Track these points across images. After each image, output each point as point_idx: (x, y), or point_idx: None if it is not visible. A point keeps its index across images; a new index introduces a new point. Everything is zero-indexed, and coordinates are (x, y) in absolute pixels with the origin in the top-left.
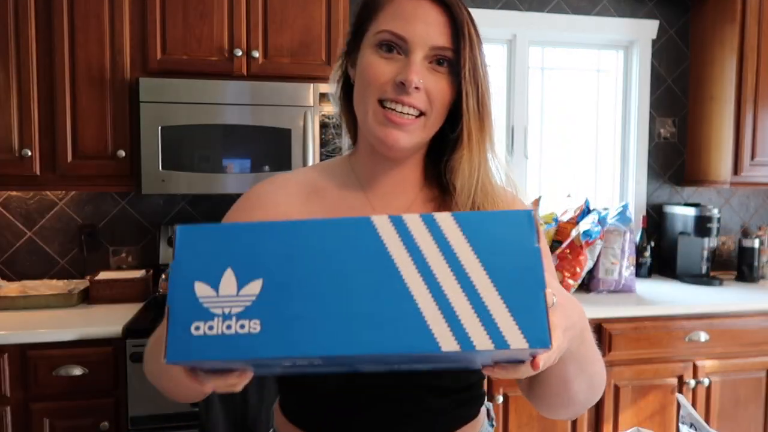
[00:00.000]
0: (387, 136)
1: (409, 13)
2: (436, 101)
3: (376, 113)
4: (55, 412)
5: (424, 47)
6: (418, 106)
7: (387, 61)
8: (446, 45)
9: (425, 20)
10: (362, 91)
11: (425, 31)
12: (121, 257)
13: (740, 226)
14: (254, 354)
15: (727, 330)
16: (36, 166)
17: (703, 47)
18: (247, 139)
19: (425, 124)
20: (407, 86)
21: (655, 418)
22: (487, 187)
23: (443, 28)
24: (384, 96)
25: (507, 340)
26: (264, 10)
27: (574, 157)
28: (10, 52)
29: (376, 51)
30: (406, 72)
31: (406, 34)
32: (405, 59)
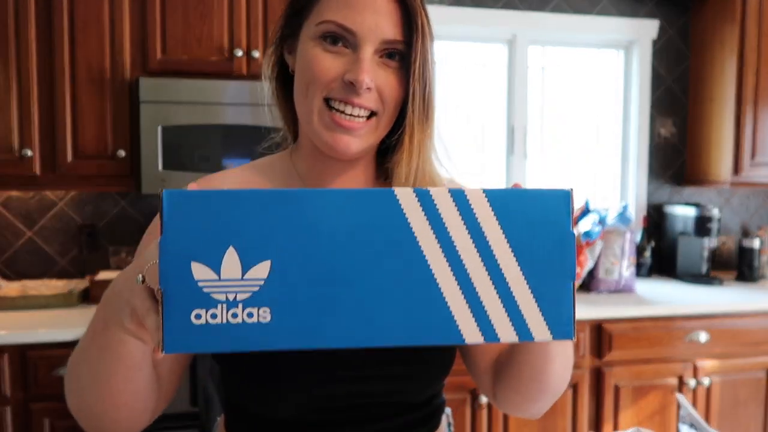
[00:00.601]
0: (336, 142)
1: (357, 2)
2: (388, 100)
3: (322, 115)
4: (56, 412)
5: (375, 41)
6: (369, 107)
7: (333, 56)
8: (398, 38)
9: (375, 10)
10: (304, 87)
11: (375, 23)
12: (121, 257)
13: (740, 226)
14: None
15: (727, 330)
16: (36, 166)
17: (703, 47)
18: (247, 139)
19: (377, 125)
20: (357, 87)
21: (656, 418)
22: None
23: (394, 18)
24: (330, 95)
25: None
26: (264, 10)
27: (574, 157)
28: (10, 52)
29: (320, 43)
30: (356, 70)
31: (354, 27)
32: (353, 54)
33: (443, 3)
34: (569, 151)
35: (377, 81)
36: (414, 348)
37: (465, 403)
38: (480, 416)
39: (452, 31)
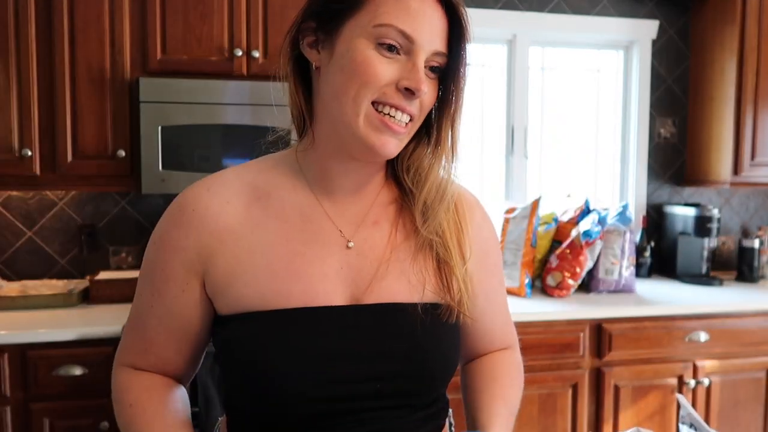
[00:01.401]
0: (384, 145)
1: (417, 10)
2: (425, 108)
3: (371, 117)
4: (55, 412)
5: (428, 51)
6: (414, 113)
7: (388, 61)
8: (444, 51)
9: (431, 21)
10: (349, 88)
11: (431, 33)
12: (121, 257)
13: (740, 227)
14: None
15: (727, 330)
16: (36, 166)
17: (703, 47)
18: (247, 139)
19: (412, 130)
20: (416, 95)
21: (655, 418)
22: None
23: (445, 31)
24: (383, 99)
25: None
26: (264, 10)
27: (574, 157)
28: (10, 52)
29: (377, 47)
30: (415, 79)
31: (414, 35)
32: (406, 61)
33: None
34: (569, 151)
35: None
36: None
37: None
38: None
39: None
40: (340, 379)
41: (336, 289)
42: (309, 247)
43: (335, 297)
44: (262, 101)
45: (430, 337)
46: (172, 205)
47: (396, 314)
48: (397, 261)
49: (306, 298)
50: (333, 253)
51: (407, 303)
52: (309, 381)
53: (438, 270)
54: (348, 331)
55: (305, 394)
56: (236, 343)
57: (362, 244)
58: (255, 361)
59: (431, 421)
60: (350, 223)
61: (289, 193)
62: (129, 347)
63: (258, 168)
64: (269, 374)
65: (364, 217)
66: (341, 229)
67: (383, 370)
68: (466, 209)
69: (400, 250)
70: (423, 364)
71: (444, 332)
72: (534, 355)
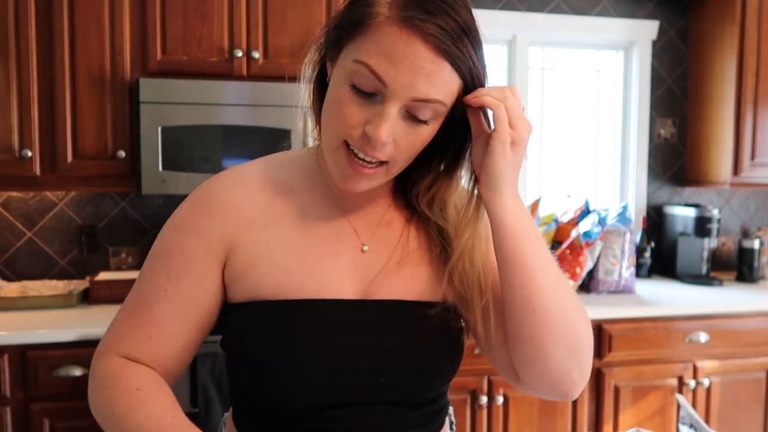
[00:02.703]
0: (346, 182)
1: (398, 54)
2: (407, 151)
3: (339, 153)
4: (55, 413)
5: (404, 98)
6: (382, 159)
7: (360, 102)
8: (435, 97)
9: (414, 67)
10: (327, 120)
11: (410, 82)
12: (121, 258)
13: (740, 227)
14: None
15: (727, 331)
16: (36, 166)
17: (703, 48)
18: (247, 140)
19: (388, 171)
20: (373, 143)
21: (655, 418)
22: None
23: (437, 78)
24: (349, 141)
25: None
26: (264, 11)
27: (574, 157)
28: (10, 52)
29: (351, 87)
30: (376, 125)
31: (387, 80)
32: (380, 106)
33: None
34: (569, 151)
35: (397, 134)
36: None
37: (465, 404)
38: (480, 416)
39: None
40: (342, 371)
41: (347, 284)
42: (325, 243)
43: (345, 292)
44: (262, 102)
45: (433, 337)
46: (197, 192)
47: (402, 311)
48: (408, 261)
49: (317, 290)
50: (347, 250)
51: (414, 301)
52: (312, 370)
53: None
54: (354, 324)
55: (308, 382)
56: (247, 330)
57: (376, 243)
58: (263, 347)
59: (430, 420)
60: (365, 223)
61: (308, 191)
62: (127, 335)
63: (281, 164)
64: (275, 360)
65: (379, 218)
66: (356, 229)
67: (385, 366)
68: None
69: (411, 250)
70: (424, 363)
71: (448, 333)
72: None
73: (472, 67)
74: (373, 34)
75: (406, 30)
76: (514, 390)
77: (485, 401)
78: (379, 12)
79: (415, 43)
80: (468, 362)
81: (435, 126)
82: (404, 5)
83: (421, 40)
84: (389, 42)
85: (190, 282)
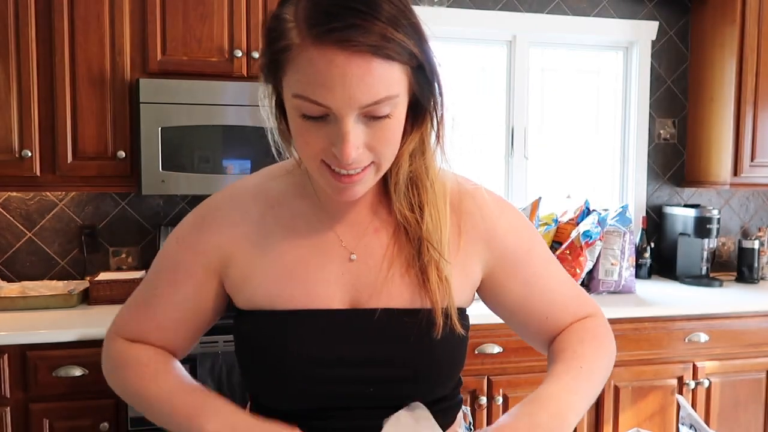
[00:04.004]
0: (341, 195)
1: (324, 76)
2: (384, 148)
3: (322, 172)
4: (55, 413)
5: (353, 110)
6: (364, 165)
7: (317, 127)
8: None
9: (344, 82)
10: (298, 148)
11: (348, 96)
12: (121, 258)
13: (740, 227)
14: None
15: (727, 331)
16: (36, 166)
17: (702, 48)
18: (247, 140)
19: (377, 169)
20: (344, 162)
21: (655, 419)
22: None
23: (372, 78)
24: (326, 160)
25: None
26: (264, 11)
27: (574, 157)
28: (10, 52)
29: (302, 118)
30: (340, 146)
31: (327, 103)
32: (336, 123)
33: (443, 4)
34: (569, 152)
35: (366, 139)
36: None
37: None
38: (480, 416)
39: (452, 33)
40: (332, 381)
41: (336, 294)
42: (312, 254)
43: (334, 301)
44: None
45: (425, 343)
46: (199, 209)
47: (391, 320)
48: (397, 268)
49: (306, 300)
50: (333, 260)
51: (404, 309)
52: (303, 378)
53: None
54: (343, 334)
55: (299, 390)
56: (246, 336)
57: (363, 251)
58: (257, 355)
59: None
60: (352, 231)
61: (297, 203)
62: (134, 323)
63: (272, 176)
64: (267, 367)
65: (366, 226)
66: (342, 238)
67: (375, 375)
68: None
69: (399, 258)
70: (415, 370)
71: (442, 338)
72: (533, 356)
73: (407, 49)
74: (297, 66)
75: (320, 48)
76: (514, 390)
77: (485, 401)
78: (291, 44)
79: (335, 57)
80: (468, 362)
81: (401, 112)
82: (310, 23)
83: (338, 50)
84: (312, 68)
85: (188, 291)
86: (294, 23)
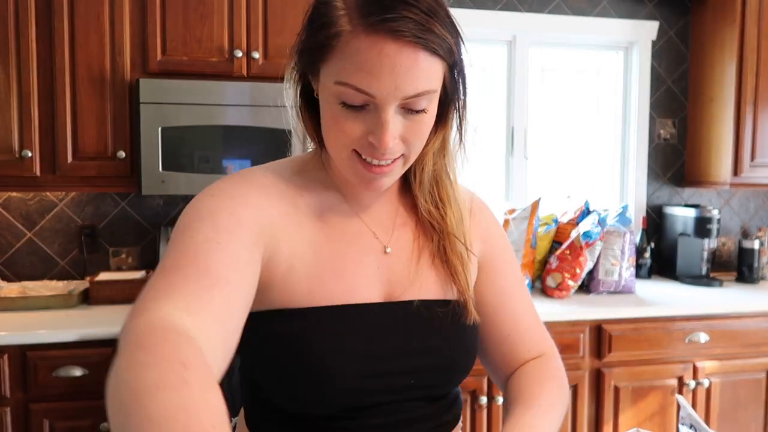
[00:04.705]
0: (369, 186)
1: (374, 63)
2: (416, 141)
3: (352, 162)
4: (55, 413)
5: (396, 100)
6: (396, 156)
7: (355, 115)
8: (422, 90)
9: (393, 71)
10: (329, 137)
11: (394, 85)
12: (121, 258)
13: (740, 227)
14: None
15: (727, 331)
16: (36, 167)
17: (703, 48)
18: (247, 140)
19: (405, 161)
20: (381, 151)
21: (655, 419)
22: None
23: (418, 70)
24: (359, 150)
25: None
26: (264, 11)
27: (574, 158)
28: (10, 52)
29: (341, 106)
30: (379, 134)
31: (372, 91)
32: (375, 113)
33: None
34: (569, 152)
35: (402, 131)
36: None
37: (465, 404)
38: (480, 416)
39: None
40: (378, 373)
41: (373, 288)
42: (349, 247)
43: (372, 295)
44: (262, 102)
45: (457, 332)
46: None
47: (428, 311)
48: (425, 261)
49: (347, 296)
50: (369, 254)
51: (438, 300)
52: (351, 374)
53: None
54: (386, 327)
55: (345, 386)
56: (283, 337)
57: (396, 244)
58: (302, 353)
59: (450, 411)
60: (381, 225)
61: (323, 196)
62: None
63: (292, 168)
64: (315, 366)
65: (393, 220)
66: (374, 231)
67: (418, 365)
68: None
69: (425, 251)
70: (453, 358)
71: (468, 327)
72: None
73: (448, 46)
74: (344, 53)
75: (372, 37)
76: None
77: (485, 401)
78: (342, 30)
79: (385, 46)
80: None
81: (434, 107)
82: (362, 12)
83: (390, 40)
84: (361, 55)
85: (242, 242)
86: (345, 10)
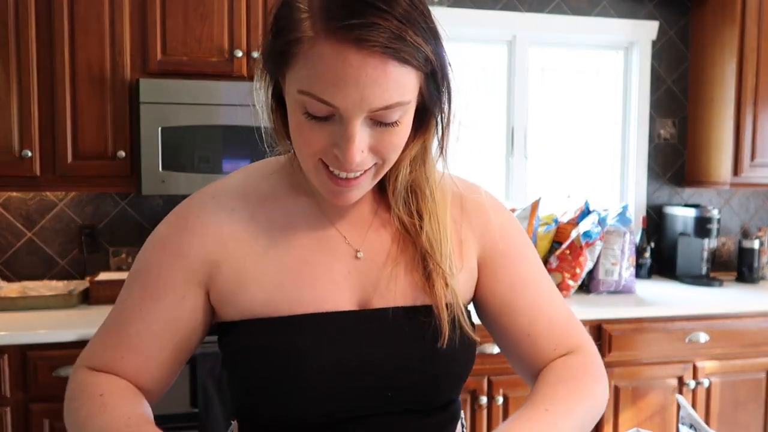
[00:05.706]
0: (335, 199)
1: (337, 74)
2: (389, 153)
3: (319, 173)
4: (55, 413)
5: (361, 113)
6: (365, 168)
7: (320, 126)
8: (391, 102)
9: (358, 82)
10: (297, 145)
11: (360, 97)
12: (121, 258)
13: (740, 227)
14: None
15: (727, 331)
16: (36, 166)
17: (703, 48)
18: (247, 140)
19: (377, 172)
20: (347, 165)
21: (655, 419)
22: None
23: (386, 82)
24: (325, 160)
25: None
26: (264, 11)
27: (574, 158)
28: (10, 52)
29: (305, 116)
30: (344, 148)
31: (336, 103)
32: (340, 124)
33: (443, 4)
34: (569, 151)
35: (372, 143)
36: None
37: (465, 404)
38: (480, 416)
39: (452, 33)
40: (351, 387)
41: (344, 294)
42: (315, 254)
43: (343, 303)
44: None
45: (440, 342)
46: (176, 211)
47: (404, 318)
48: (401, 267)
49: (315, 304)
50: (339, 259)
51: (415, 306)
52: (319, 388)
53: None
54: (358, 336)
55: (315, 401)
56: (246, 350)
57: (368, 249)
58: (264, 368)
59: (443, 426)
60: (354, 229)
61: (293, 200)
62: (101, 352)
63: (261, 173)
64: (279, 381)
65: (369, 223)
66: (346, 236)
67: (394, 377)
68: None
69: (403, 256)
70: (433, 372)
71: (452, 336)
72: None
73: (424, 54)
74: (307, 60)
75: (335, 44)
76: (514, 390)
77: (485, 401)
78: (303, 36)
79: (349, 55)
80: None
81: (409, 118)
82: (326, 15)
83: (355, 49)
84: (324, 64)
85: (166, 304)
86: (308, 13)
